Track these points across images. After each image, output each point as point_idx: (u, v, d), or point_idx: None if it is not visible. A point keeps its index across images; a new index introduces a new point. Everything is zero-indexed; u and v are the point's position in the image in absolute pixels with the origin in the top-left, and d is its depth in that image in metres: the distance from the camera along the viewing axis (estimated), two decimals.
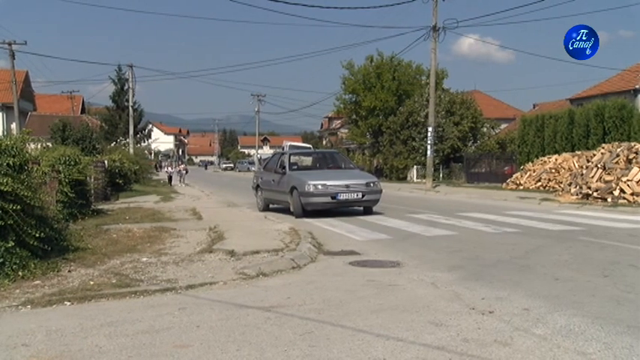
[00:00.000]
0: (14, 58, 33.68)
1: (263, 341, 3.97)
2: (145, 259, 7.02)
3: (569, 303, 4.96)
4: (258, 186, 15.32)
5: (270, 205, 14.71)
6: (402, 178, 35.84)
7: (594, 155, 17.90)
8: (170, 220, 11.29)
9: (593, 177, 16.28)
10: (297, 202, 12.75)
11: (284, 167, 13.89)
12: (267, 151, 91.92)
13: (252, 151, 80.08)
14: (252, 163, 71.61)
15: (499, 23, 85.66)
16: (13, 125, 34.78)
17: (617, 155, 16.27)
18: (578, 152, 21.82)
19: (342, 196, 12.68)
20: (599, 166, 16.52)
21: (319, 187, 12.57)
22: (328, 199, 12.63)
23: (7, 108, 39.47)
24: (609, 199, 15.05)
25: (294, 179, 13.16)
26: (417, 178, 34.56)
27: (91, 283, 5.68)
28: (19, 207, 6.04)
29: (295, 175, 13.38)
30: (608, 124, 22.28)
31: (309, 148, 54.71)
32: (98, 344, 3.93)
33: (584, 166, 18.11)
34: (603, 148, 17.86)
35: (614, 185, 15.29)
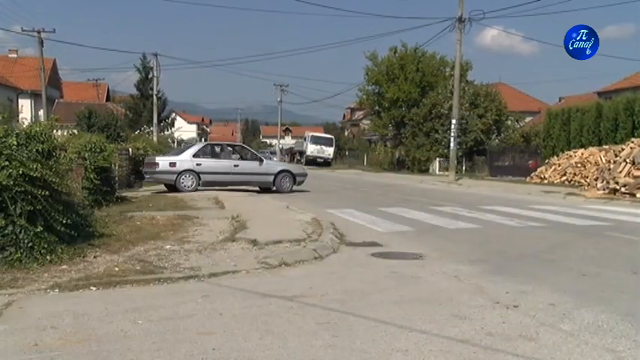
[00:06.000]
0: (43, 46, 34.21)
1: (285, 330, 3.98)
2: (168, 246, 7.08)
3: (597, 299, 4.88)
4: (184, 171, 16.03)
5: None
6: (424, 171, 35.59)
7: (623, 149, 17.51)
8: (193, 209, 11.36)
9: (621, 172, 15.94)
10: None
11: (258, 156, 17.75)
12: (288, 141, 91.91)
13: (274, 141, 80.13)
14: (273, 153, 71.68)
15: (525, 15, 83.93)
16: (41, 112, 35.43)
17: None
18: (606, 146, 21.35)
19: None
20: (628, 160, 16.17)
21: None
22: None
23: (35, 95, 40.24)
24: (638, 195, 14.73)
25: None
26: (439, 170, 34.29)
27: (116, 269, 5.75)
28: (47, 192, 6.12)
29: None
30: (639, 117, 21.76)
31: (331, 138, 54.29)
32: (123, 329, 3.98)
33: (612, 161, 17.74)
34: (633, 142, 17.46)
35: None
